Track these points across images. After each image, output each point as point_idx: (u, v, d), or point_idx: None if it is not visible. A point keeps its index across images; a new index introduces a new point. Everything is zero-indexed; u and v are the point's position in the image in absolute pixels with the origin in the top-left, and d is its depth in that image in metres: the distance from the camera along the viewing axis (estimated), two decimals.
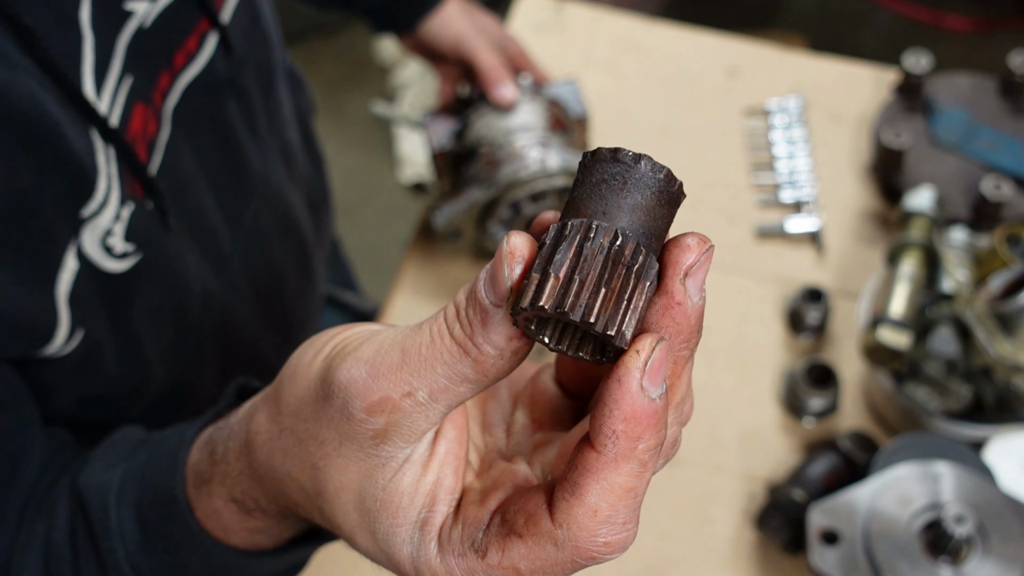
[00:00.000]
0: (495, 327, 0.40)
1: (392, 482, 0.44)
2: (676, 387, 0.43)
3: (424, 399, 0.42)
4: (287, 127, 1.04)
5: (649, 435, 0.39)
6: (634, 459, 0.39)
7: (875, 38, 2.94)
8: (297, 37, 2.87)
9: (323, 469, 0.46)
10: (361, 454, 0.44)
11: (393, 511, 0.44)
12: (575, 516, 0.40)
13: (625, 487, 0.40)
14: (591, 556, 0.40)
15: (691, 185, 1.34)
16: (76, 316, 0.71)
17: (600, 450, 0.39)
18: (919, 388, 1.06)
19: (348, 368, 0.43)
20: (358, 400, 0.43)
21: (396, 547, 0.44)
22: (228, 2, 0.86)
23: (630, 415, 0.39)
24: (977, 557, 0.93)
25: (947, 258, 1.09)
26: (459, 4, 1.24)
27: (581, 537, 0.40)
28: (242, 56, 0.88)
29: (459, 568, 0.43)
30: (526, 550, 0.41)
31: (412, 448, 0.44)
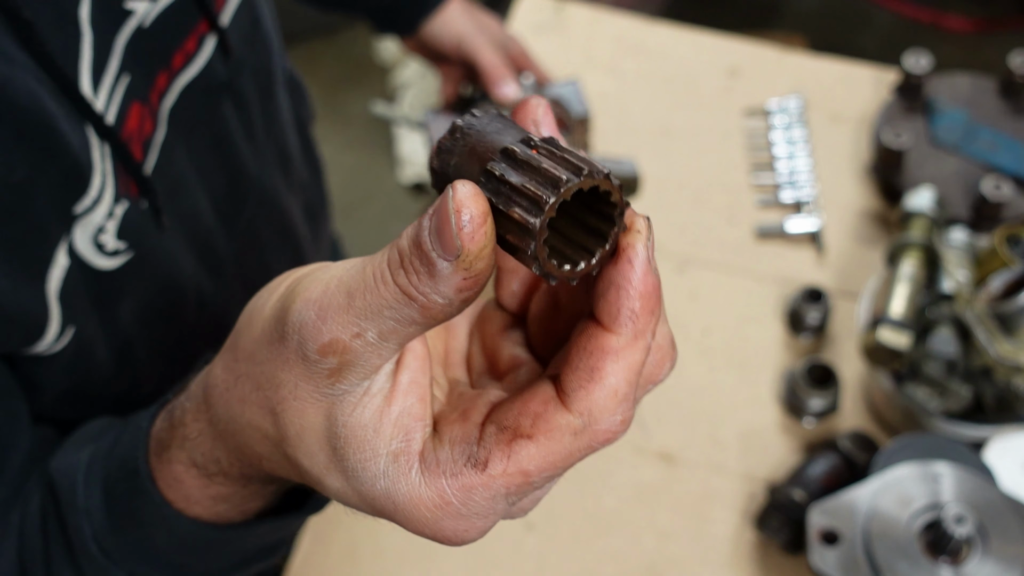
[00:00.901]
0: (444, 279, 0.39)
1: (353, 416, 0.43)
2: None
3: (374, 339, 0.41)
4: (285, 133, 1.04)
5: (659, 308, 0.41)
6: (647, 334, 0.41)
7: (875, 38, 2.94)
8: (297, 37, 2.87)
9: (282, 413, 0.45)
10: (318, 394, 0.43)
11: (359, 445, 0.43)
12: (596, 400, 0.40)
13: (639, 363, 0.41)
14: (608, 439, 0.41)
15: (691, 185, 1.35)
16: (67, 313, 0.71)
17: (619, 331, 0.40)
18: (919, 388, 1.06)
19: (298, 310, 0.43)
20: (310, 342, 0.42)
21: (368, 483, 0.43)
22: (228, 5, 0.86)
23: (644, 292, 0.40)
24: (977, 557, 0.93)
25: (947, 258, 1.09)
26: (461, 4, 1.24)
27: (602, 419, 0.40)
28: (241, 60, 0.88)
29: (452, 489, 0.41)
30: (537, 449, 0.41)
31: (370, 381, 0.43)
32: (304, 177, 1.12)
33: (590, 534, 1.09)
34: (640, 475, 1.13)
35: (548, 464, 0.41)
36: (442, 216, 0.38)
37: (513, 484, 0.41)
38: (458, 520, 0.42)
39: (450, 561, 1.08)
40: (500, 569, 1.07)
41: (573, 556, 1.08)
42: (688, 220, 1.32)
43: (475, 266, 0.39)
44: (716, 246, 1.30)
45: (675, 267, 1.28)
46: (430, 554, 1.08)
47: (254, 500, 0.59)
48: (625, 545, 1.09)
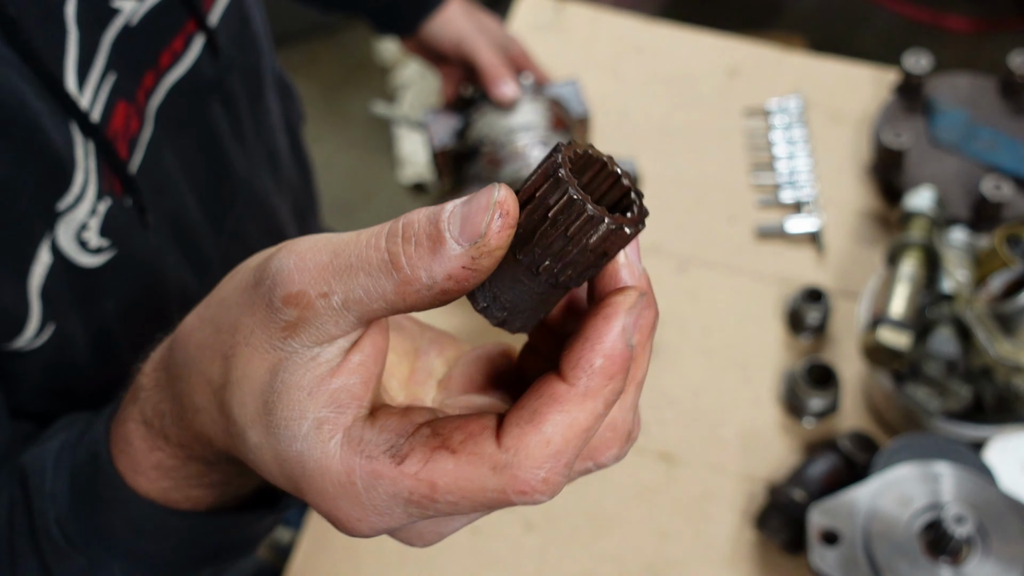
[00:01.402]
0: (442, 260, 0.39)
1: (293, 376, 0.43)
2: (640, 364, 0.42)
3: (337, 304, 0.41)
4: (275, 134, 1.04)
5: (620, 378, 0.39)
6: (600, 398, 0.39)
7: (875, 38, 2.94)
8: (297, 37, 2.88)
9: (232, 358, 0.45)
10: (268, 345, 0.43)
11: (289, 404, 0.43)
12: (526, 442, 0.39)
13: (583, 425, 0.39)
14: (523, 491, 0.39)
15: (691, 185, 1.35)
16: (47, 310, 0.71)
17: (572, 382, 0.39)
18: (919, 388, 1.06)
19: (280, 257, 0.43)
20: (279, 289, 0.42)
21: (286, 442, 0.42)
22: (217, 5, 0.86)
23: (610, 352, 0.39)
24: (977, 557, 0.93)
25: (947, 258, 1.09)
26: (460, 5, 1.24)
27: (525, 466, 0.39)
28: (229, 60, 0.88)
29: (360, 470, 0.41)
30: (455, 467, 0.39)
31: (321, 349, 0.43)
32: (293, 178, 1.12)
33: (590, 534, 1.09)
34: (640, 475, 1.13)
35: (457, 488, 0.40)
36: (479, 204, 0.39)
37: (417, 491, 0.40)
38: (355, 506, 0.41)
39: (450, 561, 1.08)
40: (500, 569, 1.07)
41: (573, 556, 1.08)
42: (688, 220, 1.32)
43: (482, 261, 0.39)
44: (716, 246, 1.30)
45: (675, 267, 1.28)
46: (430, 554, 1.08)
47: (198, 485, 0.58)
48: (625, 545, 1.09)
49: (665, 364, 1.20)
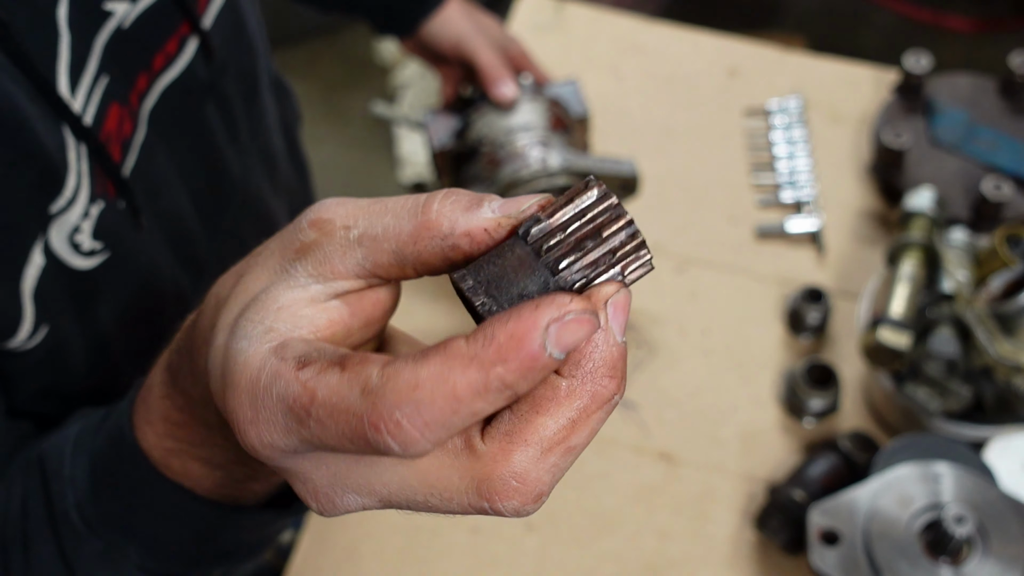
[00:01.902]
0: (470, 216, 0.40)
1: (277, 290, 0.43)
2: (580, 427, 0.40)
3: (353, 237, 0.42)
4: (271, 135, 1.04)
5: (514, 367, 0.36)
6: (483, 372, 0.36)
7: (875, 38, 2.94)
8: (297, 37, 2.88)
9: (244, 275, 0.46)
10: (278, 266, 0.44)
11: (258, 310, 0.43)
12: (399, 375, 0.37)
13: (456, 390, 0.36)
14: (378, 426, 0.37)
15: (691, 185, 1.35)
16: (41, 312, 0.71)
17: (469, 342, 0.37)
18: (919, 388, 1.06)
19: (332, 198, 0.44)
20: (312, 213, 0.43)
21: (236, 339, 0.43)
22: (211, 7, 0.86)
23: (517, 334, 0.36)
24: (977, 558, 0.93)
25: (947, 258, 1.09)
26: (460, 5, 1.24)
27: (387, 398, 0.36)
28: (223, 62, 0.88)
29: (269, 367, 0.40)
30: (336, 381, 0.38)
31: (315, 282, 0.43)
32: (290, 179, 1.12)
33: (590, 534, 1.09)
34: (640, 475, 1.13)
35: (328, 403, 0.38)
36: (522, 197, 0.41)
37: (299, 399, 0.39)
38: (252, 404, 0.41)
39: (450, 561, 1.08)
40: (500, 569, 1.07)
41: (573, 556, 1.08)
42: (688, 220, 1.32)
43: (503, 229, 0.41)
44: (716, 246, 1.30)
45: (675, 267, 1.28)
46: (430, 554, 1.08)
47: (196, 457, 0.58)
48: (625, 545, 1.09)
49: (665, 364, 1.20)
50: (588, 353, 0.39)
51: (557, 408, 0.39)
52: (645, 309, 1.24)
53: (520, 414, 0.40)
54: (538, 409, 0.39)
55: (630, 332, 1.22)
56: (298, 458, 0.42)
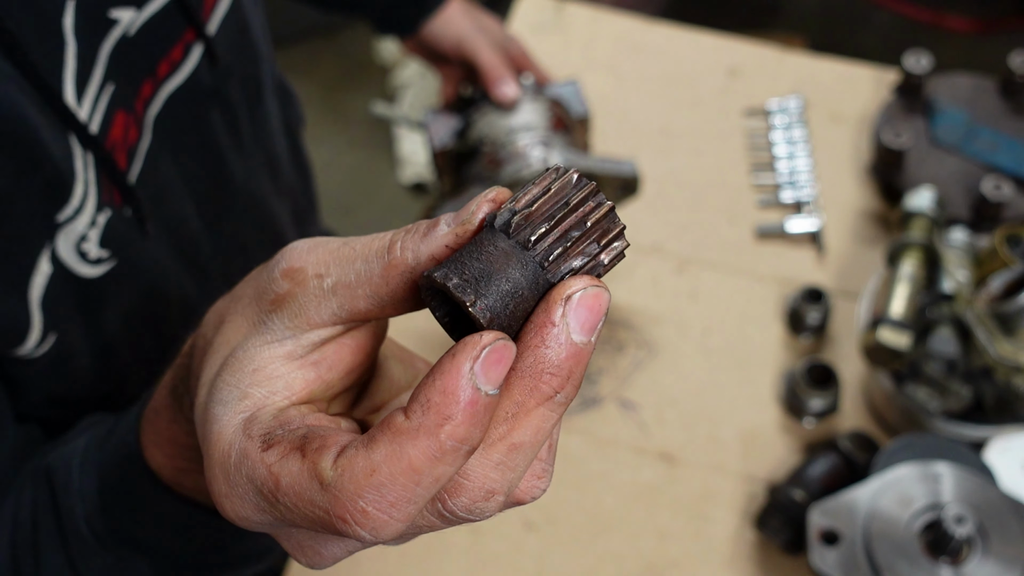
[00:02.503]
0: (430, 240, 0.41)
1: (254, 348, 0.44)
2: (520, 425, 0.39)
3: (327, 287, 0.42)
4: (274, 139, 1.04)
5: (460, 421, 0.37)
6: (434, 438, 0.37)
7: (875, 38, 2.94)
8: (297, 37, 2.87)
9: (225, 323, 0.46)
10: (255, 317, 0.44)
11: (236, 371, 0.43)
12: (353, 465, 0.37)
13: (412, 464, 0.37)
14: (344, 518, 0.37)
15: (691, 185, 1.35)
16: (48, 320, 0.71)
17: (408, 415, 0.37)
18: (919, 388, 1.06)
19: (302, 241, 0.44)
20: (284, 261, 0.43)
21: (213, 402, 0.43)
22: (215, 13, 0.86)
23: (448, 389, 0.37)
24: (977, 558, 0.93)
25: (947, 258, 1.09)
26: (461, 5, 1.24)
27: (346, 490, 0.37)
28: (228, 67, 0.88)
29: (238, 445, 0.41)
30: (297, 471, 0.39)
31: (292, 336, 0.43)
32: (292, 181, 1.13)
33: (590, 534, 1.09)
34: (640, 475, 1.13)
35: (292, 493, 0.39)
36: (472, 199, 0.42)
37: (266, 483, 0.39)
38: (224, 480, 0.41)
39: (450, 561, 1.08)
40: (500, 569, 1.07)
41: (573, 556, 1.08)
42: (688, 220, 1.32)
43: (466, 227, 0.41)
44: (716, 246, 1.30)
45: (675, 267, 1.28)
46: (430, 555, 1.08)
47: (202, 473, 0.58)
48: (625, 545, 1.09)
49: (665, 364, 1.20)
50: (533, 347, 0.39)
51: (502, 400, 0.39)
52: (645, 309, 1.24)
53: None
54: None
55: (630, 332, 1.22)
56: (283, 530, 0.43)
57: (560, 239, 0.40)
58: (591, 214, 0.41)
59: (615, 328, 1.22)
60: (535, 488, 0.43)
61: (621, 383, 1.19)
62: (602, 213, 0.41)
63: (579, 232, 0.41)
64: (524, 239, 0.40)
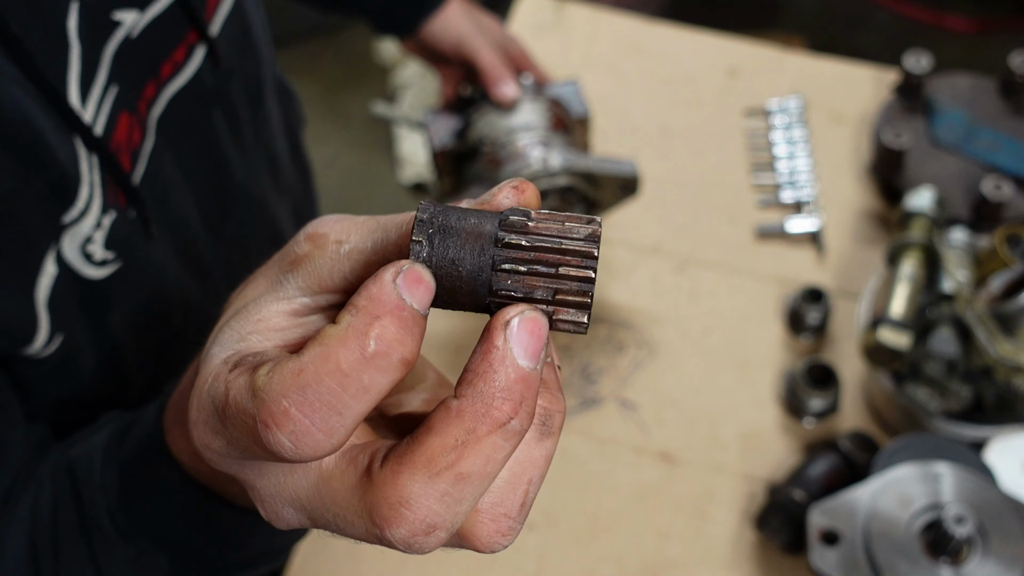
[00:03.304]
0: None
1: (265, 301, 0.44)
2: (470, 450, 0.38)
3: (344, 252, 0.43)
4: (275, 139, 1.04)
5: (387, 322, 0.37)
6: (362, 338, 0.37)
7: (875, 38, 2.94)
8: (297, 37, 2.87)
9: (249, 284, 0.47)
10: (274, 276, 0.45)
11: (242, 319, 0.44)
12: (282, 368, 0.37)
13: (340, 365, 0.36)
14: (267, 422, 0.37)
15: (691, 185, 1.35)
16: (55, 320, 0.72)
17: (337, 321, 0.38)
18: (919, 388, 1.06)
19: (331, 214, 0.45)
20: (311, 226, 0.44)
21: (214, 343, 0.44)
22: (218, 15, 0.86)
23: (375, 296, 0.37)
24: (977, 558, 0.93)
25: (947, 258, 1.09)
26: (460, 5, 1.24)
27: (272, 392, 0.37)
28: (230, 68, 0.88)
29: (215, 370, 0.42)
30: (244, 382, 0.39)
31: (302, 295, 0.44)
32: (293, 182, 1.13)
33: (590, 534, 1.09)
34: (640, 475, 1.13)
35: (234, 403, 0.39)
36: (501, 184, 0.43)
37: (219, 396, 0.40)
38: (197, 406, 0.42)
39: (450, 561, 1.08)
40: (500, 569, 1.07)
41: (573, 556, 1.08)
42: (688, 220, 1.32)
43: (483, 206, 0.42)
44: (716, 246, 1.30)
45: (675, 267, 1.28)
46: (430, 555, 1.08)
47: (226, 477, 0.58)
48: (625, 545, 1.09)
49: (665, 364, 1.20)
50: (482, 373, 0.38)
51: (446, 427, 0.37)
52: (645, 309, 1.24)
53: (414, 437, 0.38)
54: (429, 430, 0.38)
55: (630, 332, 1.22)
56: (240, 464, 0.42)
57: (531, 262, 0.40)
58: (572, 267, 0.39)
59: (615, 328, 1.22)
60: (496, 542, 0.43)
61: (621, 383, 1.19)
62: (582, 275, 0.40)
63: (549, 272, 0.40)
64: (502, 238, 0.40)
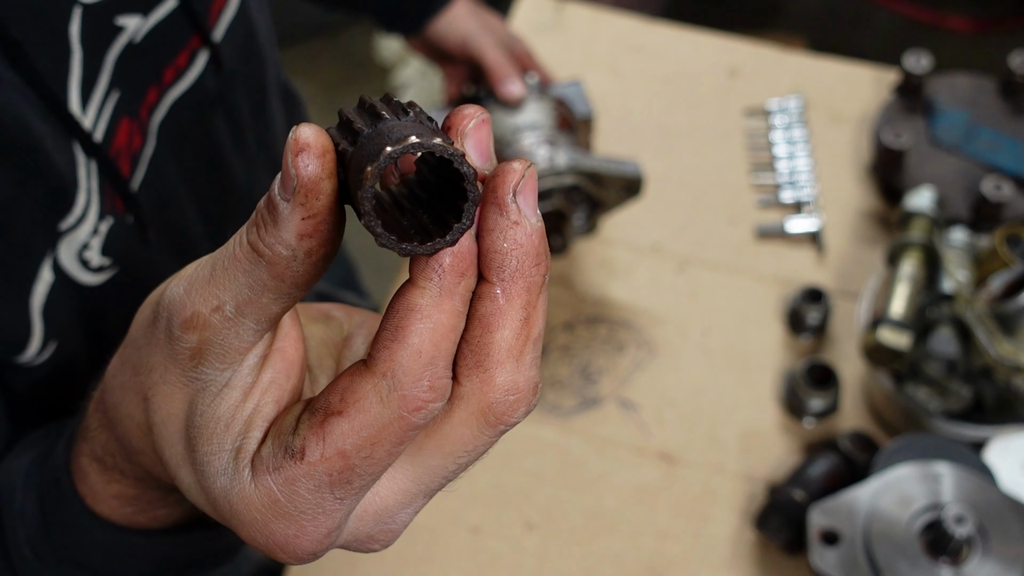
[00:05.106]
0: (285, 224, 0.38)
1: (211, 407, 0.42)
2: (533, 317, 0.40)
3: (231, 313, 0.40)
4: (279, 143, 1.04)
5: (471, 273, 0.38)
6: (456, 296, 0.38)
7: (875, 38, 2.94)
8: (297, 37, 2.87)
9: (151, 399, 0.44)
10: (184, 378, 0.43)
11: (208, 437, 0.42)
12: (398, 360, 0.38)
13: (447, 326, 0.38)
14: (417, 407, 0.38)
15: (691, 185, 1.35)
16: (49, 328, 0.71)
17: (423, 286, 0.38)
18: (919, 388, 1.06)
19: (171, 287, 0.43)
20: (175, 317, 0.41)
21: (211, 479, 0.42)
22: (222, 20, 0.85)
23: (457, 249, 0.38)
24: (977, 558, 0.93)
25: (947, 258, 1.09)
26: (466, 4, 1.24)
27: (406, 383, 0.38)
28: (233, 73, 0.88)
29: (276, 484, 0.40)
30: (349, 424, 0.38)
31: (232, 372, 0.42)
32: None
33: (590, 534, 1.09)
34: (640, 475, 1.13)
35: (363, 440, 0.39)
36: (284, 155, 0.38)
37: (334, 469, 0.39)
38: (287, 521, 0.40)
39: (450, 561, 1.08)
40: (500, 569, 1.07)
41: (573, 556, 1.08)
42: (688, 220, 1.32)
43: (312, 203, 0.38)
44: (716, 246, 1.30)
45: (675, 267, 1.28)
46: (430, 555, 1.08)
47: (161, 506, 0.58)
48: (625, 545, 1.09)
49: (665, 364, 1.20)
50: (509, 251, 0.39)
51: (504, 318, 0.39)
52: (645, 309, 1.24)
53: (476, 341, 0.40)
54: (489, 327, 0.39)
55: (630, 332, 1.22)
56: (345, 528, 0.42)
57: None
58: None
59: (615, 328, 1.23)
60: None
61: (621, 383, 1.19)
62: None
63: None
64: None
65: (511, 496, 1.11)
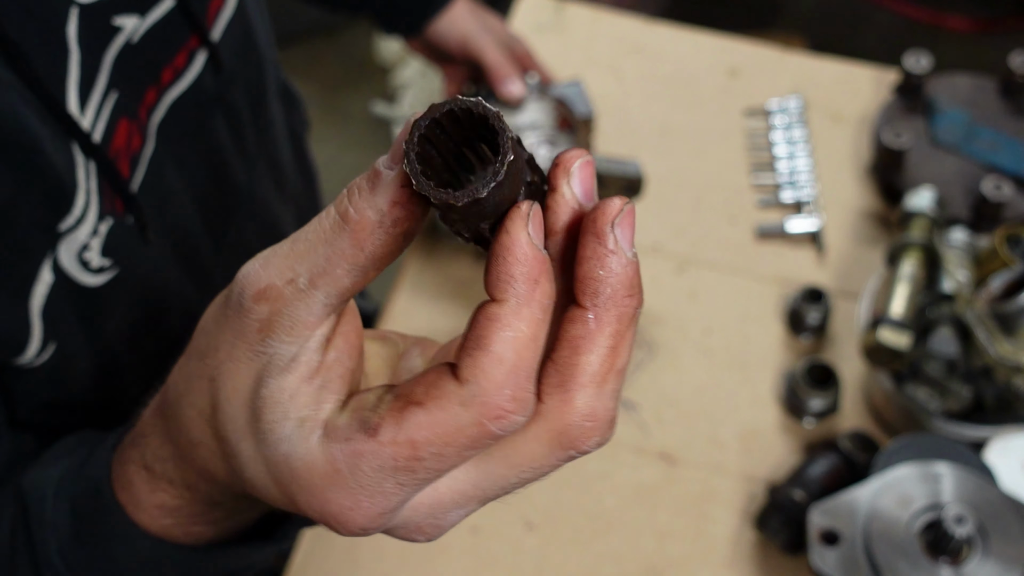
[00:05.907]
0: (382, 190, 0.40)
1: (276, 380, 0.43)
2: (620, 348, 0.41)
3: (304, 285, 0.41)
4: (278, 144, 1.04)
5: (545, 279, 0.39)
6: (535, 304, 0.39)
7: (875, 38, 2.94)
8: (297, 37, 2.88)
9: (218, 379, 0.45)
10: (251, 353, 0.43)
11: (274, 407, 0.43)
12: (482, 367, 0.39)
13: (528, 334, 0.39)
14: (498, 415, 0.39)
15: (691, 185, 1.35)
16: (49, 329, 0.71)
17: (502, 298, 0.39)
18: (919, 388, 1.06)
19: (247, 265, 0.43)
20: (248, 289, 0.42)
21: (272, 446, 0.42)
22: (219, 20, 0.85)
23: (523, 258, 0.39)
24: (977, 558, 0.93)
25: (947, 258, 1.09)
26: (466, 4, 1.24)
27: (488, 390, 0.39)
28: (232, 73, 0.88)
29: (342, 454, 0.41)
30: (427, 417, 0.39)
31: (299, 349, 0.43)
32: (297, 186, 1.12)
33: (590, 534, 1.09)
34: (640, 475, 1.13)
35: (435, 437, 0.39)
36: (401, 133, 0.40)
37: (401, 456, 0.40)
38: (345, 493, 0.41)
39: (450, 561, 1.08)
40: (500, 569, 1.07)
41: (573, 556, 1.08)
42: (688, 220, 1.32)
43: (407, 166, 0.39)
44: (716, 246, 1.30)
45: (675, 267, 1.28)
46: (430, 555, 1.08)
47: (201, 522, 0.58)
48: (625, 545, 1.09)
49: (665, 364, 1.20)
50: (604, 279, 0.40)
51: (592, 343, 0.40)
52: (645, 309, 1.24)
53: (563, 362, 0.41)
54: (577, 350, 0.40)
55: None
56: (399, 513, 0.43)
57: None
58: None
59: None
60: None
61: None
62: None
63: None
64: None
65: (511, 496, 1.11)
